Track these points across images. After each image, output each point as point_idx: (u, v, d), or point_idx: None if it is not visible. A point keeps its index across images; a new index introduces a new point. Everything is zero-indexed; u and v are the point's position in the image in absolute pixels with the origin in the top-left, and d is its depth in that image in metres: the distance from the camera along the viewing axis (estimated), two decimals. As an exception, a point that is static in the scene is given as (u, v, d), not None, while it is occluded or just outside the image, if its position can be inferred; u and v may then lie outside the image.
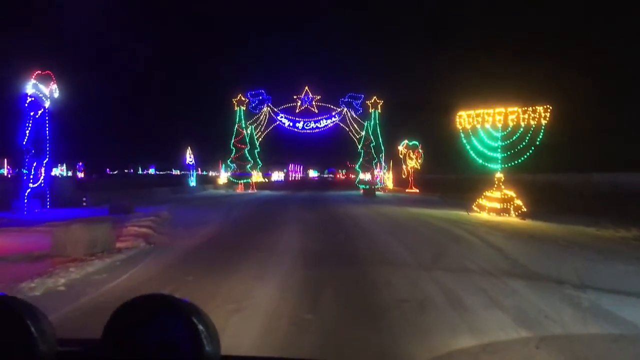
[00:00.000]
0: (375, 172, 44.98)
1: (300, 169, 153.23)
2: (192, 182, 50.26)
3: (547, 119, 19.16)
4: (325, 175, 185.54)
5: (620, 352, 3.83)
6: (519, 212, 19.48)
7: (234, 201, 28.92)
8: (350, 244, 11.65)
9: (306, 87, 44.22)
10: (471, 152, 21.46)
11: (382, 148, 44.16)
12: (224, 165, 43.78)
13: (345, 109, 44.15)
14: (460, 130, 21.68)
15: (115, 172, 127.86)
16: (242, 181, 43.66)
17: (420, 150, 47.13)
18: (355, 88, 45.63)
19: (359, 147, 44.20)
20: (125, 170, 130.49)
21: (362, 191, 43.33)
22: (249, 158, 43.25)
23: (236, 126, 43.34)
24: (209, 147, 72.74)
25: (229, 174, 44.41)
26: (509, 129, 20.21)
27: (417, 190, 42.84)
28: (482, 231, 14.03)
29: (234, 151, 43.22)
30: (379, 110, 43.58)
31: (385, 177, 49.26)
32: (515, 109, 19.98)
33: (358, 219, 17.82)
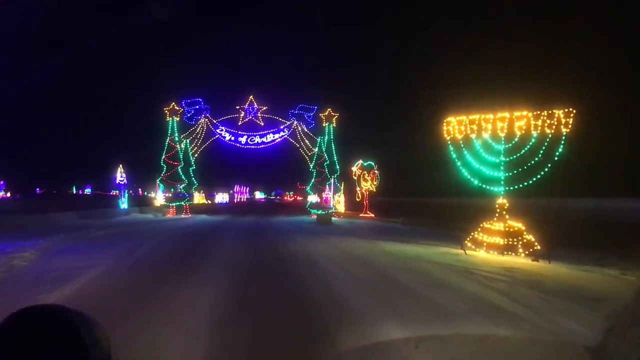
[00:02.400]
0: (324, 194, 40.36)
1: (246, 190, 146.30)
2: (124, 204, 43.92)
3: (570, 125, 14.34)
4: (272, 197, 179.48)
5: (489, 350, 3.66)
6: (530, 250, 14.55)
7: (156, 230, 22.72)
8: (317, 329, 6.02)
9: (250, 97, 38.56)
10: (463, 171, 16.32)
11: (338, 167, 38.88)
12: (160, 185, 37.11)
13: (295, 122, 38.70)
14: (449, 142, 16.54)
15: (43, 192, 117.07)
16: (173, 204, 37.20)
17: (377, 172, 42.64)
18: (308, 99, 40.28)
19: (311, 165, 38.76)
20: (55, 191, 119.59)
21: (314, 216, 37.94)
22: (183, 177, 36.90)
23: (168, 139, 37.01)
24: (148, 165, 65.21)
25: (166, 195, 37.98)
26: (515, 139, 15.28)
27: (372, 215, 38.91)
28: (521, 293, 8.65)
29: (164, 168, 36.79)
30: (334, 125, 38.39)
31: (336, 200, 44.63)
32: (525, 113, 15.08)
33: (318, 266, 12.12)
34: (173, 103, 37.44)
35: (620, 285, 9.83)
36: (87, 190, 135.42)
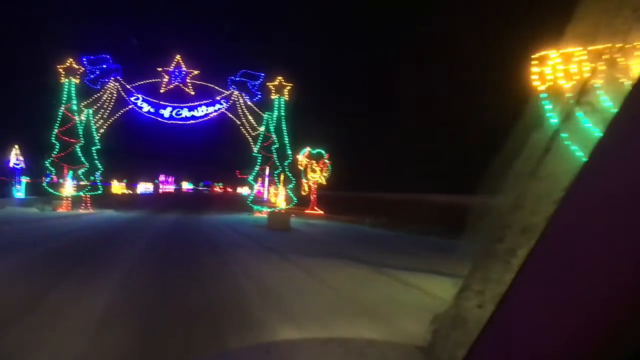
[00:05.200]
0: (257, 185, 32.98)
1: (172, 180, 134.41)
2: (20, 193, 34.10)
3: None
4: (201, 188, 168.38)
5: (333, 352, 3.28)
6: None
7: (19, 238, 13.81)
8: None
9: (178, 57, 29.51)
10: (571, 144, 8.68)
11: (289, 152, 30.71)
12: (70, 170, 27.32)
13: (236, 93, 30.10)
14: (542, 93, 8.85)
15: None
16: (66, 195, 27.63)
17: (327, 161, 35.23)
18: (253, 64, 31.91)
19: (255, 149, 30.33)
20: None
21: (257, 214, 29.67)
22: (82, 159, 27.38)
23: (62, 109, 27.29)
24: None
25: (77, 183, 28.30)
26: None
27: (321, 212, 33.02)
28: None
29: (57, 147, 27.10)
30: (286, 98, 30.13)
31: (272, 193, 36.91)
32: None
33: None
34: (70, 59, 27.71)
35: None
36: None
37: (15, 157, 37.04)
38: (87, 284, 8.14)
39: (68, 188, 27.91)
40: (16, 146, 36.92)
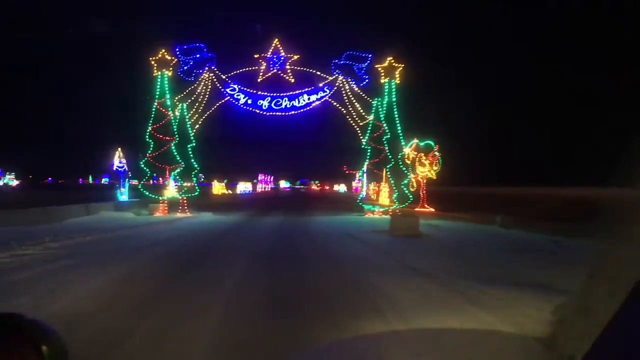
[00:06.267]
0: (355, 182, 29.39)
1: (270, 179, 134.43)
2: (123, 196, 33.08)
3: None
4: (298, 187, 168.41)
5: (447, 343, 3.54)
6: None
7: (94, 252, 11.10)
8: None
9: (275, 41, 26.47)
10: None
11: (403, 143, 26.68)
12: (171, 172, 25.46)
13: (340, 78, 26.53)
14: None
15: (51, 181, 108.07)
16: (164, 197, 25.55)
17: (437, 153, 30.83)
18: (358, 44, 28.26)
19: (364, 140, 26.62)
20: (61, 181, 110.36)
21: (370, 214, 26.12)
22: (178, 157, 25.13)
23: (155, 104, 25.21)
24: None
25: (179, 184, 26.52)
26: None
27: (432, 209, 28.91)
28: None
29: (151, 145, 25.05)
30: (397, 81, 26.09)
31: (372, 190, 33.15)
32: None
33: None
34: (163, 50, 25.55)
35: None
36: (105, 180, 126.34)
37: (118, 160, 36.34)
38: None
39: (170, 190, 25.86)
40: (119, 148, 36.25)
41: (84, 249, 12.34)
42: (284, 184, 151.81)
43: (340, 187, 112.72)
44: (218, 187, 75.87)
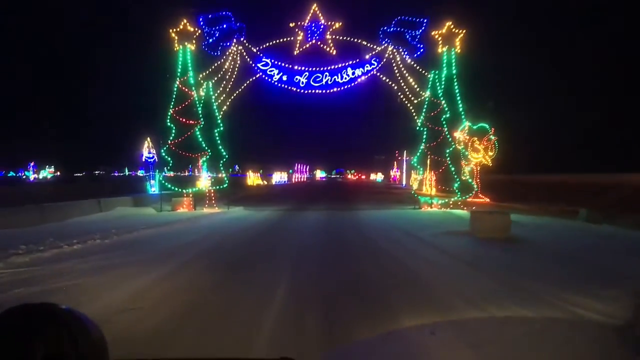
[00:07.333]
0: (393, 171, 25.76)
1: (306, 168, 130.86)
2: (153, 188, 30.44)
3: None
4: (333, 176, 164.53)
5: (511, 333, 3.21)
6: None
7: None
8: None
9: (314, 6, 22.68)
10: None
11: (465, 123, 22.67)
12: (203, 161, 22.19)
13: (390, 48, 22.60)
14: None
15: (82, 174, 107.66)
16: (189, 190, 22.27)
17: (493, 137, 26.55)
18: (411, 7, 24.60)
19: (419, 121, 22.70)
20: (97, 172, 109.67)
21: (427, 207, 22.43)
22: (203, 144, 21.76)
23: (177, 83, 21.85)
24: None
25: (211, 176, 23.28)
26: None
27: (487, 199, 24.58)
28: None
29: (173, 131, 21.75)
30: (458, 50, 22.00)
31: (413, 178, 29.30)
32: None
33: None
34: (185, 20, 22.10)
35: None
36: (140, 172, 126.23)
37: (147, 150, 33.84)
38: None
39: (203, 181, 22.67)
40: (148, 138, 33.68)
41: (44, 270, 8.94)
42: (319, 174, 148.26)
43: (378, 176, 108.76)
44: (253, 178, 73.06)
